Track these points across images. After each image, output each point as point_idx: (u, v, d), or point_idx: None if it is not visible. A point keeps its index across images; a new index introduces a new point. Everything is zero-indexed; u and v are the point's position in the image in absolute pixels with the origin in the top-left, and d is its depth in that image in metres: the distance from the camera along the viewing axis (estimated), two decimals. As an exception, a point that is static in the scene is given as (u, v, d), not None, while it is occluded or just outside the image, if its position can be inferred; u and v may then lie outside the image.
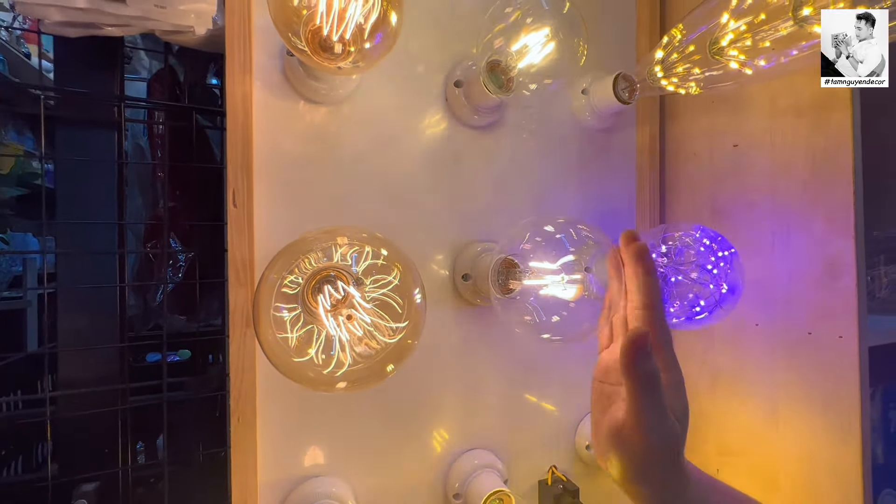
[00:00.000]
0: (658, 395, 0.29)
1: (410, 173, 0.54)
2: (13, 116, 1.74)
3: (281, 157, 0.48)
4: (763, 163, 0.55)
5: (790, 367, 0.53)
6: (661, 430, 0.29)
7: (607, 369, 0.35)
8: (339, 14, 0.36)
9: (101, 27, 0.41)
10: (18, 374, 0.51)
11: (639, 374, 0.28)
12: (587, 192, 0.64)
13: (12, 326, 1.12)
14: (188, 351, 0.80)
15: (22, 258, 1.92)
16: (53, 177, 0.48)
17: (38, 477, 0.44)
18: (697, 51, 0.49)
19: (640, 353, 0.28)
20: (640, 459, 0.29)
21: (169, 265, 0.54)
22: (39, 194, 0.46)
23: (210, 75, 0.68)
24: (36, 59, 1.95)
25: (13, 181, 1.86)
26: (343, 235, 0.36)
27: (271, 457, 0.47)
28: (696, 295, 0.51)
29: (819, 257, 0.50)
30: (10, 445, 0.44)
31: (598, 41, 0.64)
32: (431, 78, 0.55)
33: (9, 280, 1.83)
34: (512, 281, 0.45)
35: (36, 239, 1.94)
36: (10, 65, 1.99)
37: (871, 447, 0.48)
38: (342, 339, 0.34)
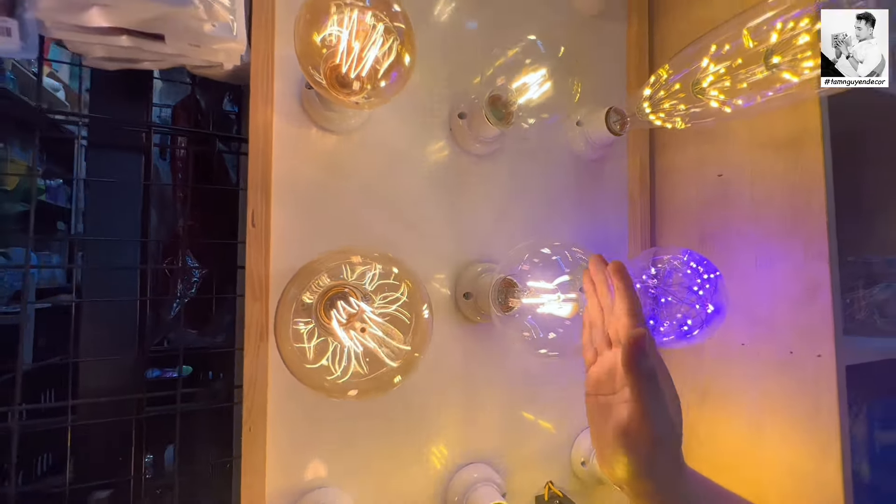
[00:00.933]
0: (658, 387, 0.32)
1: (415, 197, 0.57)
2: (19, 135, 1.79)
3: (296, 180, 0.51)
4: (745, 192, 0.59)
5: (774, 385, 0.56)
6: (664, 420, 0.32)
7: (598, 382, 0.38)
8: (358, 55, 0.40)
9: (139, 62, 0.45)
10: (26, 385, 0.53)
11: (640, 370, 0.32)
12: (581, 216, 0.67)
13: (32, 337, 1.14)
14: (189, 367, 0.82)
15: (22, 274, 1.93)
16: (64, 196, 0.51)
17: (51, 484, 0.46)
18: (682, 89, 0.54)
19: (640, 352, 0.31)
20: (647, 451, 0.32)
21: (183, 281, 0.57)
22: (41, 210, 0.49)
23: (226, 103, 0.72)
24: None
25: (18, 197, 1.90)
26: (357, 255, 0.39)
27: (279, 466, 0.49)
28: (684, 315, 0.54)
29: (798, 280, 0.53)
30: (24, 453, 0.45)
31: (592, 77, 0.69)
32: (437, 109, 0.59)
33: (10, 295, 1.85)
34: (511, 299, 0.48)
35: (35, 255, 1.96)
36: (21, 84, 2.06)
37: (851, 461, 0.50)
38: (355, 350, 0.37)
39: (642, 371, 0.32)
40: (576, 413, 0.65)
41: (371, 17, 0.39)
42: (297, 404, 0.50)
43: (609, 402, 0.36)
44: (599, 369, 0.38)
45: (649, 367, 0.32)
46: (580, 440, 0.65)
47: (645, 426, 0.32)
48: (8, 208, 1.77)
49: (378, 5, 0.40)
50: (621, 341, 0.34)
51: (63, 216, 2.12)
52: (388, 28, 0.40)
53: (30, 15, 0.42)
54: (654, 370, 0.32)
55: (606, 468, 0.35)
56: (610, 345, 0.38)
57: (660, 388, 0.32)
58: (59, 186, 2.16)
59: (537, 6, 0.66)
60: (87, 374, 0.48)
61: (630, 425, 0.32)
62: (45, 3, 0.36)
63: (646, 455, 0.32)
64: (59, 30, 0.39)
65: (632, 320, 0.34)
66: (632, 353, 0.32)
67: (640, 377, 0.32)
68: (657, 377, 0.33)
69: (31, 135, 0.47)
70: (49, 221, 2.02)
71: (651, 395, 0.32)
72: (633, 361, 0.32)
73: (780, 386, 0.55)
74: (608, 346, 0.38)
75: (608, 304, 0.39)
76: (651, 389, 0.32)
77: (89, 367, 0.48)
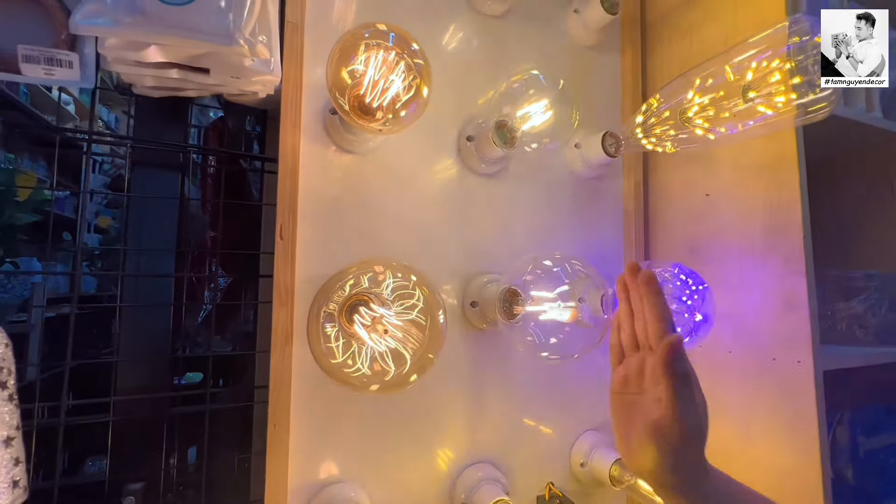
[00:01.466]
0: (691, 389, 0.36)
1: (426, 213, 0.62)
2: (29, 148, 1.85)
3: (319, 197, 0.56)
4: (730, 210, 0.64)
5: (759, 390, 0.60)
6: (694, 419, 0.36)
7: (626, 380, 0.41)
8: (382, 88, 0.45)
9: (182, 90, 0.51)
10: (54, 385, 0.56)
11: (677, 372, 0.35)
12: (580, 231, 0.72)
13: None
14: (200, 374, 0.86)
15: (30, 283, 1.98)
16: (70, 206, 0.55)
17: (90, 475, 0.49)
18: (671, 117, 0.59)
19: (677, 356, 0.35)
20: (677, 447, 0.35)
21: (210, 288, 0.61)
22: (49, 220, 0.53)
23: (249, 124, 0.78)
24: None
25: (29, 207, 1.95)
26: (378, 265, 0.44)
27: (299, 462, 0.52)
28: (674, 323, 0.58)
29: (778, 292, 0.58)
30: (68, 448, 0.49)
31: (589, 102, 0.74)
32: (447, 132, 0.64)
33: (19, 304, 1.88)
34: (516, 307, 0.53)
35: (40, 264, 2.01)
36: (32, 95, 2.13)
37: (829, 461, 0.54)
38: (378, 350, 0.41)
39: (678, 373, 0.35)
40: (575, 417, 0.69)
41: (394, 56, 0.45)
42: (317, 404, 0.53)
43: (636, 400, 0.39)
44: (627, 369, 0.41)
45: (685, 370, 0.35)
46: (580, 443, 0.69)
47: (677, 424, 0.34)
48: (18, 218, 1.82)
49: (400, 44, 0.46)
50: (653, 345, 0.38)
51: (69, 226, 2.17)
52: (408, 65, 0.45)
53: (89, 50, 0.47)
54: (689, 373, 0.36)
55: (633, 459, 0.37)
56: (637, 347, 0.41)
57: (692, 390, 0.36)
58: (66, 197, 2.22)
59: (538, 37, 0.72)
60: (121, 375, 0.52)
61: (662, 421, 0.35)
62: (110, 42, 0.42)
63: (675, 451, 0.34)
64: (119, 64, 0.44)
65: (665, 325, 0.38)
66: (669, 357, 0.35)
67: (676, 379, 0.35)
68: (691, 379, 0.36)
69: (45, 148, 0.52)
70: (56, 231, 2.07)
71: (685, 396, 0.35)
72: (670, 364, 0.35)
73: (765, 391, 0.59)
74: (635, 349, 0.41)
75: (639, 309, 0.41)
76: (685, 391, 0.35)
77: (123, 369, 0.52)
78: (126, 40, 0.42)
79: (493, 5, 0.67)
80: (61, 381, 0.52)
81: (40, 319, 1.70)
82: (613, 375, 0.43)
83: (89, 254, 2.02)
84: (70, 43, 0.47)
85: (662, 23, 0.77)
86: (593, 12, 0.70)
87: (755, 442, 0.60)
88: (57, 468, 0.46)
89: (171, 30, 0.40)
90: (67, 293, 2.05)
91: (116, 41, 0.42)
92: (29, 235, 1.82)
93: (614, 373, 0.43)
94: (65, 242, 2.06)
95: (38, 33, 0.45)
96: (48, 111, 2.06)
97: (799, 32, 0.47)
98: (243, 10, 0.43)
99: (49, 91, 2.16)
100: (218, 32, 0.41)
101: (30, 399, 0.50)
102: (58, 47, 0.45)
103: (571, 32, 0.74)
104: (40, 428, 0.48)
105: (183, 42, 0.41)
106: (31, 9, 0.45)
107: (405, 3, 0.63)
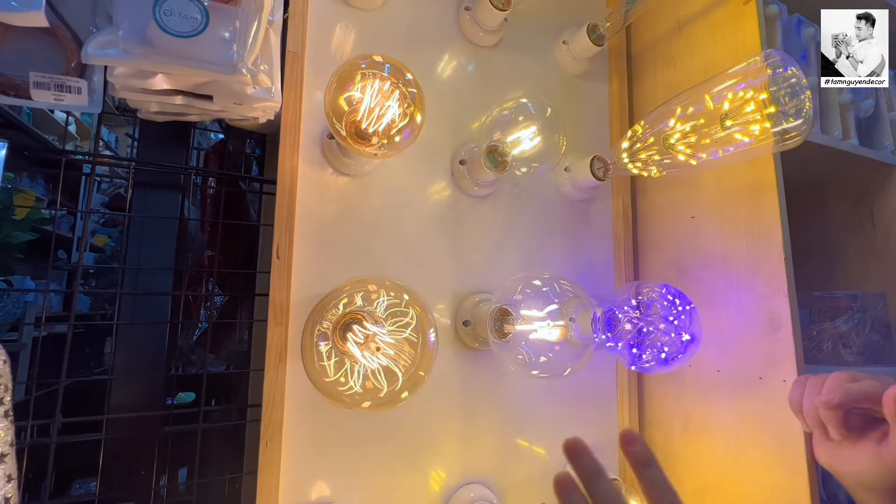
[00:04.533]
0: None
1: (419, 233, 0.64)
2: (29, 168, 1.87)
3: (315, 218, 0.57)
4: (715, 233, 0.66)
5: (748, 409, 0.61)
6: None
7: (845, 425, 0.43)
8: (378, 115, 0.47)
9: (185, 115, 0.53)
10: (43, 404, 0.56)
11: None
12: (570, 252, 0.74)
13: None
14: (192, 394, 0.86)
15: (23, 301, 1.97)
16: (66, 225, 0.56)
17: (77, 497, 0.49)
18: (655, 143, 0.62)
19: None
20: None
21: (206, 306, 0.62)
22: (46, 239, 0.54)
23: (248, 147, 0.80)
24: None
25: (26, 226, 1.96)
26: (372, 283, 0.45)
27: (290, 481, 0.52)
28: (662, 343, 0.60)
29: (762, 312, 0.59)
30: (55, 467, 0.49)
31: (578, 128, 0.77)
32: (440, 156, 0.66)
33: (12, 322, 1.87)
34: (507, 326, 0.54)
35: (33, 282, 2.01)
36: (36, 118, 2.17)
37: (818, 478, 0.54)
38: (370, 367, 0.42)
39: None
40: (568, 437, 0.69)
41: (389, 85, 0.47)
42: (308, 424, 0.54)
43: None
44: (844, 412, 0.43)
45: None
46: (571, 464, 0.69)
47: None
48: (15, 237, 1.83)
49: (395, 74, 0.48)
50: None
51: (65, 245, 2.18)
52: (402, 94, 0.47)
53: (97, 77, 0.49)
54: None
55: (878, 498, 0.40)
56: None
57: None
58: (63, 216, 2.23)
59: (529, 66, 0.75)
60: (114, 393, 0.53)
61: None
62: (119, 70, 0.44)
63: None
64: (126, 90, 0.47)
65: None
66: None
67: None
68: None
69: (44, 168, 0.53)
70: (52, 250, 2.08)
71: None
72: None
73: (753, 409, 0.60)
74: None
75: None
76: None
77: (116, 387, 0.53)
78: (134, 69, 0.44)
79: (486, 36, 0.70)
80: (51, 399, 0.52)
81: (31, 338, 1.69)
82: (834, 425, 0.44)
83: (84, 272, 2.01)
84: (79, 70, 0.49)
85: (647, 54, 0.81)
86: (581, 43, 0.74)
87: (744, 461, 0.60)
88: (48, 486, 0.46)
89: (178, 60, 0.42)
90: (60, 311, 2.04)
91: (125, 70, 0.44)
92: (24, 254, 1.82)
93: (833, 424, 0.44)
94: (60, 261, 2.06)
95: (50, 61, 0.48)
96: (49, 131, 2.09)
97: (772, 66, 0.50)
98: (246, 41, 0.45)
99: (52, 112, 2.21)
100: (222, 62, 0.43)
101: (18, 417, 0.50)
102: (68, 74, 0.48)
103: (560, 62, 0.77)
104: (31, 446, 0.48)
105: (189, 71, 0.43)
106: (45, 39, 0.47)
107: (401, 33, 0.66)
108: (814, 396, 0.45)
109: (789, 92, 0.47)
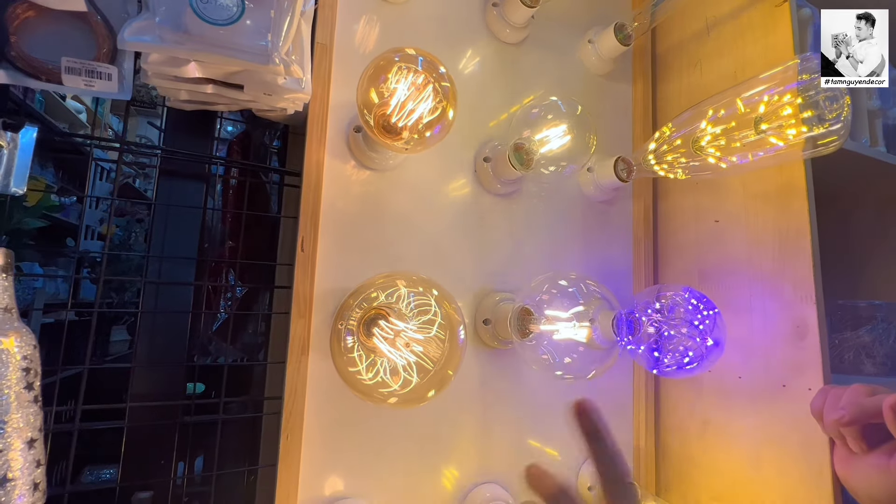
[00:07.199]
0: None
1: (441, 230, 0.63)
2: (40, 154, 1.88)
3: (339, 211, 0.57)
4: (740, 237, 0.66)
5: (770, 417, 0.60)
6: None
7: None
8: (410, 110, 0.47)
9: (214, 105, 0.52)
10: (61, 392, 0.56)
11: None
12: (590, 253, 0.73)
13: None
14: (202, 385, 0.86)
15: (32, 287, 1.98)
16: (74, 213, 0.56)
17: (96, 483, 0.49)
18: (683, 145, 0.61)
19: None
20: None
21: (226, 298, 0.62)
22: (55, 227, 0.54)
23: (269, 138, 0.80)
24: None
25: (37, 213, 1.97)
26: (401, 279, 0.45)
27: (308, 476, 0.52)
28: (685, 347, 0.59)
29: (788, 319, 0.58)
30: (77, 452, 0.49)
31: (601, 129, 0.76)
32: (464, 153, 0.66)
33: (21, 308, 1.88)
34: (531, 325, 0.53)
35: (41, 269, 2.02)
36: (48, 105, 2.18)
37: (842, 492, 0.54)
38: (399, 363, 0.41)
39: None
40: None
41: (423, 79, 0.46)
42: (327, 418, 0.53)
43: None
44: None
45: None
46: (587, 466, 0.68)
47: None
48: (26, 223, 1.84)
49: (428, 68, 0.48)
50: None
51: (72, 233, 2.18)
52: (435, 88, 0.47)
53: (128, 64, 0.49)
54: None
55: None
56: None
57: None
58: (72, 204, 2.24)
59: (553, 65, 0.74)
60: (135, 382, 0.53)
61: None
62: (153, 58, 0.43)
63: None
64: (158, 78, 0.46)
65: None
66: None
67: None
68: None
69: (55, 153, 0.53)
70: (61, 237, 2.09)
71: None
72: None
73: (776, 418, 0.59)
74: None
75: None
76: None
77: (138, 375, 0.52)
78: (168, 56, 0.44)
79: (512, 33, 0.69)
80: (67, 386, 0.52)
81: (40, 324, 1.70)
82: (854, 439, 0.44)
83: (91, 260, 2.02)
84: (110, 57, 0.49)
85: (672, 55, 0.80)
86: (607, 43, 0.73)
87: (765, 470, 0.59)
88: (69, 472, 0.46)
89: (213, 48, 0.42)
90: (66, 299, 2.04)
91: (159, 57, 0.43)
92: (34, 241, 1.83)
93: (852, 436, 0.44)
94: (67, 248, 2.07)
95: (82, 47, 0.47)
96: (61, 119, 2.10)
97: (810, 70, 0.49)
98: (280, 31, 0.45)
99: (63, 99, 2.21)
100: (256, 52, 0.43)
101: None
102: (99, 60, 0.47)
103: (585, 61, 0.77)
104: (54, 433, 0.48)
105: (223, 60, 0.43)
106: (77, 25, 0.47)
107: (426, 27, 0.65)
108: (832, 410, 0.44)
109: (829, 96, 0.46)
